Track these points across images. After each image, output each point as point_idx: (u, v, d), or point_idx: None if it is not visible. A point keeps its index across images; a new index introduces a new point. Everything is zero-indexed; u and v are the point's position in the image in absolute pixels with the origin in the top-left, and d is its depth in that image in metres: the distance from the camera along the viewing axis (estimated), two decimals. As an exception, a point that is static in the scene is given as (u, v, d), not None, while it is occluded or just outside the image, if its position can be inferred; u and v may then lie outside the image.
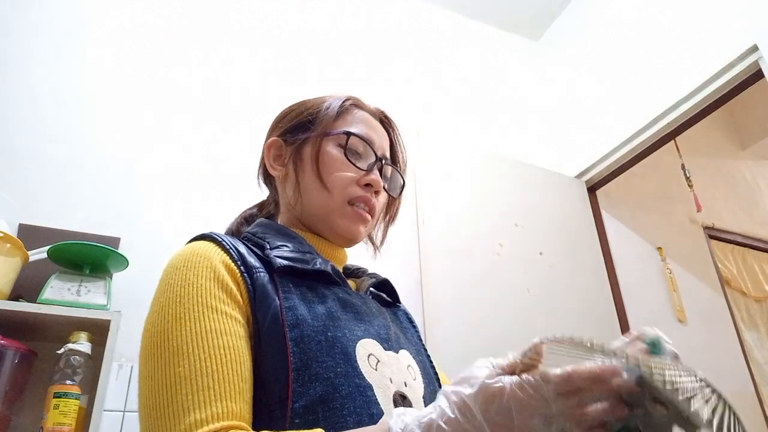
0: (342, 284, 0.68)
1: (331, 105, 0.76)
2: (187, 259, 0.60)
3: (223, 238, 0.64)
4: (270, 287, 0.60)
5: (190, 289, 0.56)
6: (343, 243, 0.75)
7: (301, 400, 0.52)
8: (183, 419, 0.48)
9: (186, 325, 0.53)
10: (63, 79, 1.71)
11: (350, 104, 0.78)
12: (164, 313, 0.55)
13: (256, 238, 0.69)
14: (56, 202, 1.53)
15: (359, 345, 0.60)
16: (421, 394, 0.64)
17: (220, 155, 1.80)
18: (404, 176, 0.82)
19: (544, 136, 2.58)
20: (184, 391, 0.49)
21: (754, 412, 2.33)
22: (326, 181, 0.71)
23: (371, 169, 0.73)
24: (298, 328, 0.56)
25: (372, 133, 0.76)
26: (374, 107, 0.82)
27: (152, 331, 0.55)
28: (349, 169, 0.72)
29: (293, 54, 2.15)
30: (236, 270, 0.60)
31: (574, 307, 2.02)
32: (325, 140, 0.73)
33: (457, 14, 2.70)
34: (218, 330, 0.54)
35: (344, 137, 0.73)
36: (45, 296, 1.21)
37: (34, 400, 1.22)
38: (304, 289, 0.62)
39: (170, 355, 0.52)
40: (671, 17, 2.07)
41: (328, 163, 0.72)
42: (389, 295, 0.80)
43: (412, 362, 0.67)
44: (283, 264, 0.62)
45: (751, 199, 3.21)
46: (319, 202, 0.72)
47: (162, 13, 1.97)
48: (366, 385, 0.56)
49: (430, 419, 0.42)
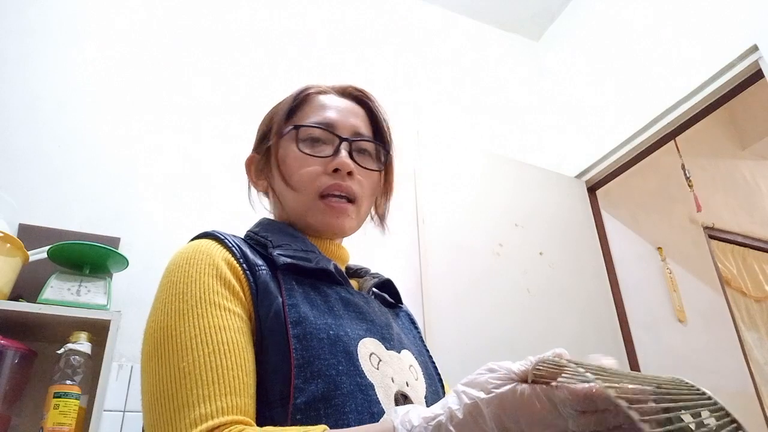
0: (344, 283, 0.68)
1: (284, 103, 0.75)
2: (190, 256, 0.60)
3: (226, 236, 0.64)
4: (272, 285, 0.60)
5: (192, 285, 0.56)
6: (334, 236, 0.74)
7: (302, 397, 0.52)
8: (188, 414, 0.48)
9: (189, 321, 0.53)
10: (63, 78, 1.71)
11: (307, 94, 0.76)
12: (167, 310, 0.55)
13: (258, 236, 0.68)
14: (56, 202, 1.53)
15: (361, 344, 0.59)
16: (423, 395, 0.63)
17: (221, 155, 1.80)
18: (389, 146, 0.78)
19: (544, 136, 2.58)
20: (188, 386, 0.49)
21: (754, 412, 2.33)
22: (291, 182, 0.70)
23: (336, 152, 0.70)
24: (300, 326, 0.56)
25: (332, 114, 0.73)
26: (340, 84, 0.79)
27: (155, 328, 0.55)
28: (311, 162, 0.69)
29: (292, 54, 2.15)
30: (238, 267, 0.60)
31: (574, 307, 2.02)
32: (281, 142, 0.72)
33: (457, 14, 2.70)
34: (221, 326, 0.54)
35: (294, 132, 0.71)
36: (45, 296, 1.21)
37: (34, 400, 1.22)
38: (307, 288, 0.62)
39: (174, 350, 0.52)
40: (671, 17, 2.07)
41: (289, 164, 0.71)
42: (391, 295, 0.80)
43: (414, 362, 0.67)
44: (286, 262, 0.62)
45: (751, 199, 3.21)
46: (293, 204, 0.71)
47: (161, 13, 1.97)
48: (367, 384, 0.56)
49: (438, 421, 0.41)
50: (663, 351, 2.18)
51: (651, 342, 2.17)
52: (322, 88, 0.77)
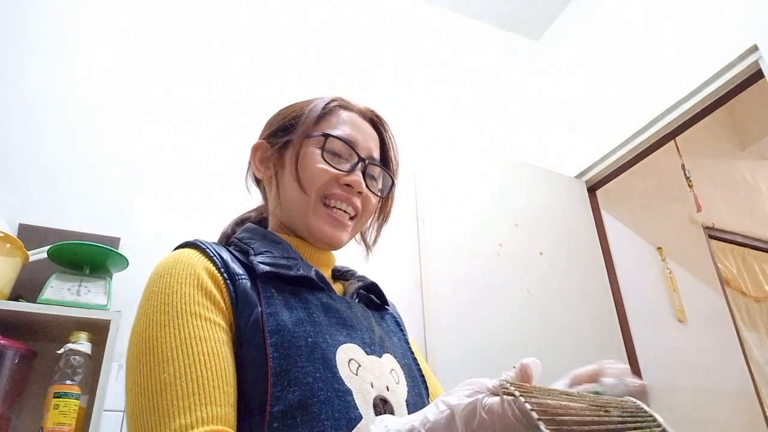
0: (326, 289, 0.68)
1: (314, 107, 0.76)
2: (171, 266, 0.60)
3: (207, 246, 0.64)
4: (252, 293, 0.60)
5: (174, 296, 0.57)
6: (326, 247, 0.75)
7: (279, 405, 0.53)
8: (168, 424, 0.49)
9: (170, 332, 0.54)
10: (63, 78, 1.71)
11: (335, 105, 0.77)
12: (149, 321, 0.56)
13: (242, 243, 0.69)
14: (56, 202, 1.53)
15: (340, 350, 0.60)
16: (404, 398, 0.64)
17: (221, 155, 1.80)
18: (395, 176, 0.81)
19: (544, 136, 2.58)
20: (169, 397, 0.50)
21: (754, 412, 2.33)
22: (302, 180, 0.71)
23: (353, 170, 0.72)
24: (278, 334, 0.57)
25: (356, 133, 0.75)
26: (364, 107, 0.81)
27: (137, 339, 0.56)
28: (326, 169, 0.71)
29: (292, 54, 2.15)
30: (219, 277, 0.60)
31: (574, 307, 2.01)
32: (305, 142, 0.73)
33: (457, 14, 2.70)
34: (202, 336, 0.54)
35: (322, 139, 0.72)
36: (45, 296, 1.21)
37: (34, 400, 1.22)
38: (287, 295, 0.62)
39: (155, 362, 0.52)
40: (671, 17, 2.07)
41: (305, 164, 0.72)
42: (377, 297, 0.80)
43: (395, 366, 0.67)
44: (266, 270, 0.63)
45: (751, 199, 3.21)
46: (296, 202, 0.72)
47: (161, 13, 1.97)
48: (345, 390, 0.56)
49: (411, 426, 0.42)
50: (663, 351, 2.18)
51: (651, 342, 2.17)
52: (349, 104, 0.79)
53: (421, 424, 0.42)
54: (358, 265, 0.84)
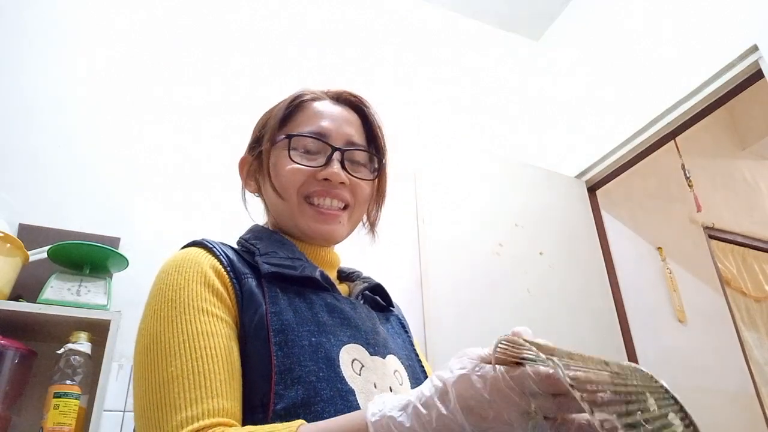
0: (331, 289, 0.68)
1: (277, 110, 0.75)
2: (179, 264, 0.61)
3: (214, 245, 0.65)
4: (258, 292, 0.61)
5: (181, 292, 0.58)
6: (325, 243, 0.74)
7: (282, 403, 0.53)
8: (175, 416, 0.49)
9: (178, 327, 0.55)
10: (63, 78, 1.71)
11: (301, 101, 0.75)
12: (156, 317, 0.57)
13: (248, 244, 0.70)
14: (56, 202, 1.53)
15: (344, 350, 0.60)
16: None
17: (221, 155, 1.80)
18: (384, 152, 0.77)
19: (544, 136, 2.58)
20: (175, 390, 0.51)
21: (754, 412, 2.33)
22: (278, 188, 0.71)
23: (328, 162, 0.70)
24: (282, 333, 0.57)
25: (326, 123, 0.72)
26: (336, 90, 0.78)
27: (145, 334, 0.57)
28: (298, 169, 0.70)
29: (292, 54, 2.15)
30: (226, 275, 0.61)
31: (574, 307, 2.01)
32: (273, 149, 0.73)
33: (457, 14, 2.70)
34: (209, 331, 0.55)
35: (286, 141, 0.71)
36: (45, 296, 1.21)
37: (34, 400, 1.22)
38: (292, 295, 0.63)
39: (163, 356, 0.53)
40: (671, 17, 2.07)
41: (277, 171, 0.71)
42: (383, 299, 0.80)
43: (399, 367, 0.67)
44: (271, 270, 0.63)
45: (751, 199, 3.21)
46: (281, 208, 0.72)
47: (161, 13, 1.97)
48: (348, 390, 0.57)
49: (407, 400, 0.42)
50: (663, 351, 2.18)
51: (651, 342, 2.17)
52: (317, 94, 0.77)
53: (417, 399, 0.42)
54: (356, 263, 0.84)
